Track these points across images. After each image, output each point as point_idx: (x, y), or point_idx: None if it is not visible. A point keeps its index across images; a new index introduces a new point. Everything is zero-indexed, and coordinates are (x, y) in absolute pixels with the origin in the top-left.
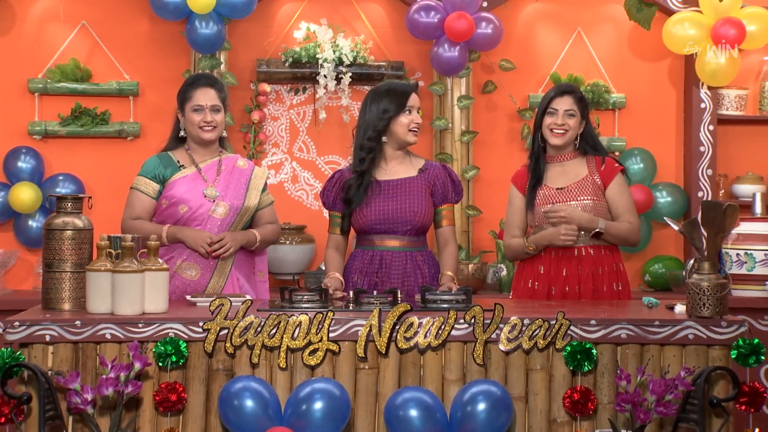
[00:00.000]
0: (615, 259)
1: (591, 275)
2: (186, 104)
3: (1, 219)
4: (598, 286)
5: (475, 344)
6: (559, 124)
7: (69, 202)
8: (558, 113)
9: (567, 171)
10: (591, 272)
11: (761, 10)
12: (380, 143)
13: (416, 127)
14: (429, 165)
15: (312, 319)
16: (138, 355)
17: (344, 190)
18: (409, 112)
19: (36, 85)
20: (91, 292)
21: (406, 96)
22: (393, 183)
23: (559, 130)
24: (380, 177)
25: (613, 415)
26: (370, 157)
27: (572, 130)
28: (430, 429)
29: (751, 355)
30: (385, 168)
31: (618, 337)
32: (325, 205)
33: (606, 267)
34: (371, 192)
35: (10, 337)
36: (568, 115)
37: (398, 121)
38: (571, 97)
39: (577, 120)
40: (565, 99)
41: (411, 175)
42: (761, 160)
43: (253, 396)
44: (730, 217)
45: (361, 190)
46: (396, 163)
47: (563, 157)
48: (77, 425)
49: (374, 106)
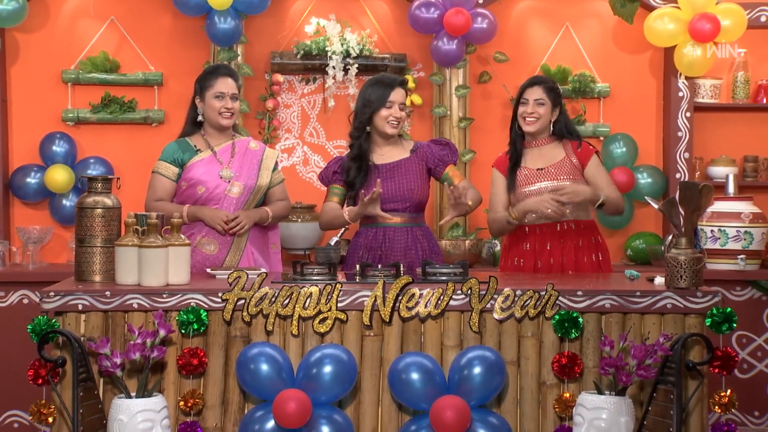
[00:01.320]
0: (593, 233)
1: (573, 248)
2: (207, 91)
3: (37, 198)
4: (579, 258)
5: (472, 313)
6: (529, 112)
7: (99, 183)
8: (529, 102)
9: (544, 154)
10: (573, 245)
11: (734, 6)
12: (367, 133)
13: (395, 120)
14: (419, 145)
15: (322, 291)
16: (162, 323)
17: (344, 173)
18: (389, 106)
19: (69, 76)
20: (120, 265)
21: (389, 91)
22: (389, 166)
23: (530, 118)
24: (377, 161)
25: (598, 378)
26: (358, 144)
27: (543, 117)
28: (430, 391)
29: (724, 322)
30: (379, 152)
31: (602, 307)
32: (323, 180)
33: (585, 240)
34: (372, 175)
35: (46, 306)
36: (538, 104)
37: (379, 114)
38: (540, 87)
39: (547, 108)
40: (535, 89)
41: (405, 156)
42: (734, 145)
43: (268, 360)
44: (706, 196)
45: (362, 174)
46: (389, 147)
47: (540, 142)
48: (107, 386)
49: (361, 98)
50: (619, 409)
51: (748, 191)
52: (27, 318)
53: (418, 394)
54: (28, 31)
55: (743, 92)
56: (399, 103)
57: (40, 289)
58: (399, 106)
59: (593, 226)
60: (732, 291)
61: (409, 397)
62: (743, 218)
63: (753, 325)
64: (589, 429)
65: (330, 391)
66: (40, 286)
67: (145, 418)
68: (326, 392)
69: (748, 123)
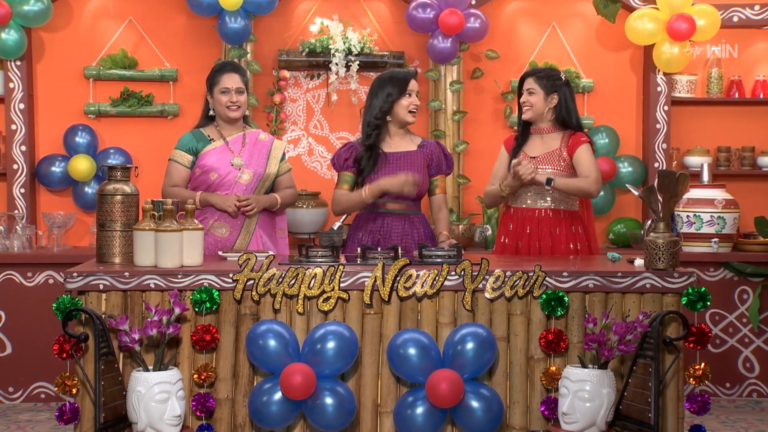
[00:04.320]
0: (573, 222)
1: (549, 234)
2: (214, 87)
3: (61, 186)
4: (556, 245)
5: (465, 293)
6: (522, 102)
7: (119, 172)
8: (523, 93)
9: (545, 142)
10: (549, 232)
11: (709, 7)
12: (385, 122)
13: (414, 108)
14: (426, 142)
15: (325, 272)
16: (177, 301)
17: (356, 161)
18: (409, 95)
19: (90, 72)
20: (138, 248)
21: (407, 82)
22: (397, 155)
23: (524, 107)
24: (386, 149)
25: (582, 353)
26: (376, 134)
27: (535, 105)
28: (426, 365)
29: (699, 301)
30: (389, 142)
31: (586, 287)
32: (335, 166)
33: (563, 229)
34: (380, 162)
35: (70, 285)
36: (529, 93)
37: (400, 104)
38: (531, 78)
39: (539, 96)
40: (527, 80)
41: (411, 149)
42: (708, 136)
43: (276, 337)
44: (682, 184)
45: (371, 161)
46: (399, 138)
47: (543, 130)
48: (126, 360)
49: (380, 91)
50: (602, 381)
51: (722, 179)
52: (52, 297)
53: (415, 368)
54: (53, 30)
55: (717, 87)
56: (416, 92)
57: (64, 270)
58: (416, 95)
59: (575, 216)
60: (706, 272)
61: (407, 370)
62: (716, 204)
63: (725, 304)
64: (574, 400)
65: (333, 365)
66: (64, 267)
67: (162, 390)
68: (329, 366)
69: (721, 116)
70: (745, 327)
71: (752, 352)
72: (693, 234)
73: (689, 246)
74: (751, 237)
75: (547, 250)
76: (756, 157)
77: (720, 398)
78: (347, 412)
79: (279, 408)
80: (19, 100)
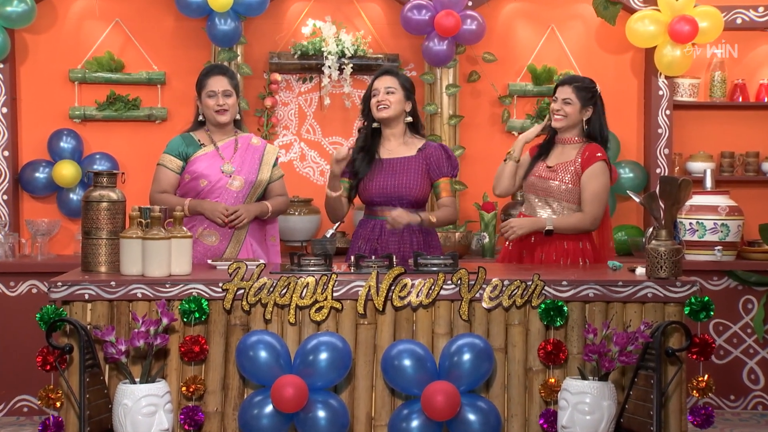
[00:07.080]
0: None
1: (553, 249)
2: (202, 91)
3: (45, 192)
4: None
5: (461, 302)
6: (556, 110)
7: (105, 178)
8: (558, 100)
9: (564, 153)
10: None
11: (712, 8)
12: (371, 123)
13: (378, 104)
14: (427, 145)
15: (318, 281)
16: (165, 311)
17: (350, 163)
18: (375, 94)
19: (76, 75)
20: (124, 256)
21: (373, 81)
22: (394, 161)
23: (557, 116)
24: (383, 156)
25: (582, 364)
26: (363, 135)
27: (570, 115)
28: (421, 376)
29: (702, 311)
30: (387, 148)
31: (586, 296)
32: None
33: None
34: (375, 168)
35: (54, 295)
36: (565, 102)
37: (372, 103)
38: (569, 87)
39: (574, 107)
40: (564, 89)
41: (410, 154)
42: (711, 141)
43: (267, 348)
44: (684, 190)
45: (365, 163)
46: (397, 143)
47: (566, 140)
48: (113, 372)
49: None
50: (602, 393)
51: (725, 185)
52: (35, 307)
53: (410, 380)
54: (37, 32)
55: (720, 91)
56: (385, 88)
57: (48, 279)
58: (385, 90)
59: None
60: (709, 281)
61: (402, 382)
62: (720, 211)
63: (729, 314)
64: (574, 413)
65: (326, 377)
66: (48, 276)
67: (149, 403)
68: (322, 378)
69: (724, 120)
70: (750, 337)
71: (757, 364)
72: (696, 242)
73: (692, 254)
74: (755, 245)
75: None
76: (760, 163)
77: (724, 411)
78: (340, 425)
79: (270, 421)
80: (2, 103)
